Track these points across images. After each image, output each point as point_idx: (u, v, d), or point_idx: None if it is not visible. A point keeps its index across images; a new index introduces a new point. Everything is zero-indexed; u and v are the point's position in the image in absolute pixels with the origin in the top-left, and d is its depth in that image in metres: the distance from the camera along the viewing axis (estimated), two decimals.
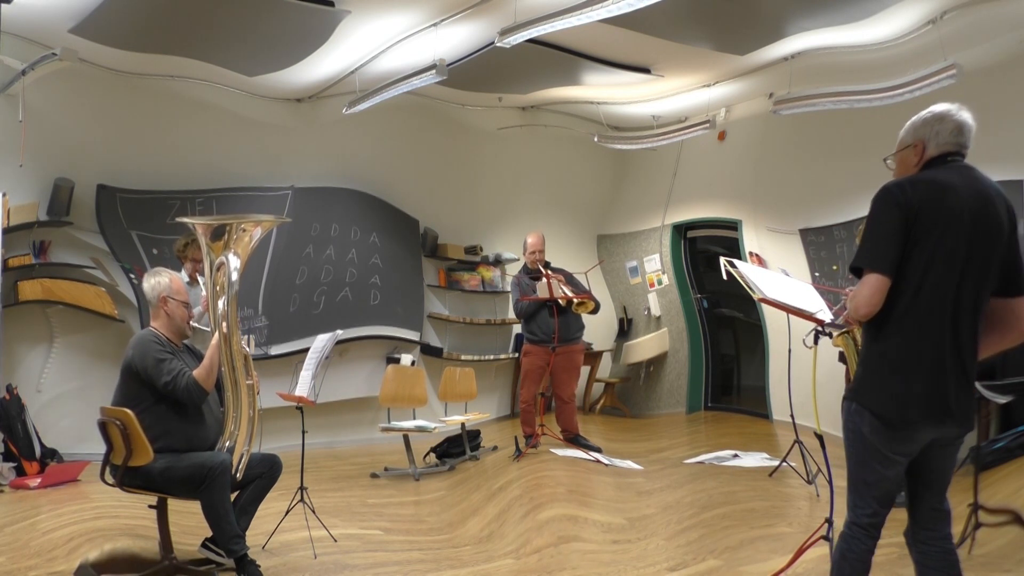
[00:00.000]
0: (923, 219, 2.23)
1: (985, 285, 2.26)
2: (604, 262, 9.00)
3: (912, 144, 2.42)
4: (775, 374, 7.24)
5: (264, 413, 3.98)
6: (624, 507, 4.56)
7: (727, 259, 3.64)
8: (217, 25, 5.47)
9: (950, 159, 2.37)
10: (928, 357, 2.22)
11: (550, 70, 6.79)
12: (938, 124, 2.38)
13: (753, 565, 3.49)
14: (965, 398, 2.25)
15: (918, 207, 2.24)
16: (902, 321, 2.24)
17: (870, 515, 2.29)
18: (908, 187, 2.29)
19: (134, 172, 6.33)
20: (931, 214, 2.24)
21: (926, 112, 2.43)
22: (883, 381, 2.27)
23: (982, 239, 2.25)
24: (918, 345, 2.23)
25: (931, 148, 2.39)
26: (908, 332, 2.24)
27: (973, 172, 2.34)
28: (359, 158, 7.55)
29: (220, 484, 3.19)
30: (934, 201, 2.25)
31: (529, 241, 6.13)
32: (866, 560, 2.30)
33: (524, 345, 6.18)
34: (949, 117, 2.38)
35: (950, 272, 2.22)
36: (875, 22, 5.44)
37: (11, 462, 5.23)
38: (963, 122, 2.37)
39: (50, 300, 5.80)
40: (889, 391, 2.25)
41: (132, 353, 3.30)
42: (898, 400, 2.23)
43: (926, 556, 2.32)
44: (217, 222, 3.22)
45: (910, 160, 2.43)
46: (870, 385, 2.31)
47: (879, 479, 2.29)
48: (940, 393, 2.21)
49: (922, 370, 2.22)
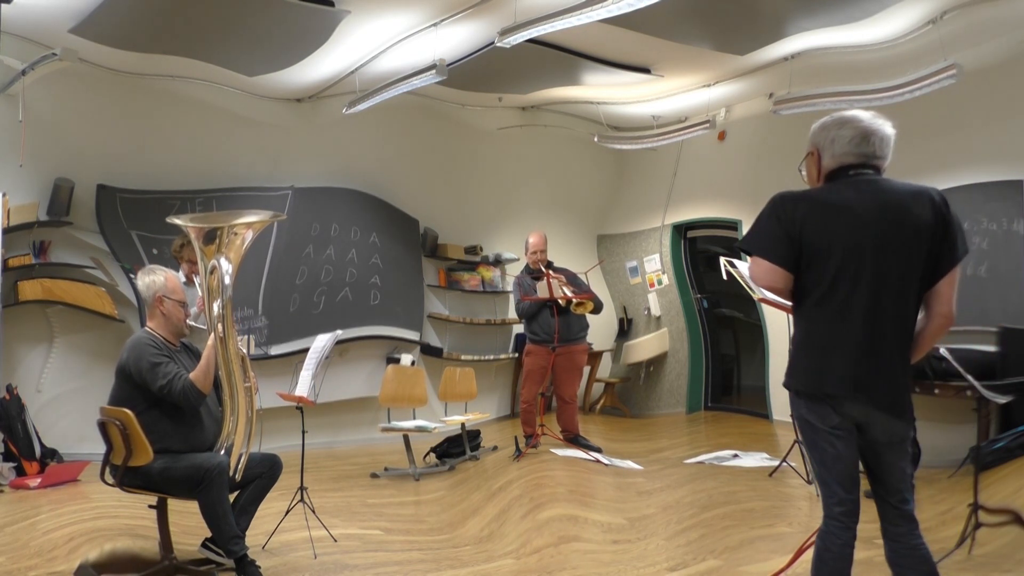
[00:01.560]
0: (809, 242, 2.18)
1: (909, 291, 2.20)
2: (604, 262, 8.99)
3: (809, 151, 2.30)
4: (775, 374, 7.24)
5: (264, 413, 3.99)
6: (624, 507, 4.56)
7: (727, 259, 3.65)
8: (217, 25, 5.47)
9: (853, 173, 2.20)
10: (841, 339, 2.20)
11: (550, 70, 6.78)
12: (835, 130, 2.21)
13: (753, 565, 3.49)
14: (889, 385, 2.20)
15: (800, 227, 2.18)
16: (814, 311, 2.25)
17: (838, 503, 2.25)
18: (790, 204, 2.22)
19: (134, 172, 6.33)
20: (819, 238, 2.17)
21: (829, 116, 2.26)
22: (801, 360, 2.30)
23: (892, 252, 2.16)
24: (838, 328, 2.21)
25: (826, 158, 2.24)
26: (820, 320, 2.24)
27: (878, 185, 2.19)
28: (359, 158, 7.55)
29: (218, 485, 3.19)
30: (818, 224, 2.17)
31: (531, 241, 6.13)
32: (845, 556, 2.23)
33: (526, 345, 6.18)
34: (852, 124, 2.19)
35: (858, 286, 2.17)
36: (875, 22, 5.44)
37: (11, 462, 5.23)
38: (871, 131, 2.18)
39: (50, 300, 5.80)
40: (806, 367, 2.28)
41: (127, 356, 3.28)
42: (813, 373, 2.25)
43: (895, 553, 2.28)
44: (209, 226, 3.20)
45: (811, 170, 2.31)
46: (794, 368, 2.33)
47: (832, 459, 2.25)
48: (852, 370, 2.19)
49: (834, 348, 2.21)
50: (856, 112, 2.22)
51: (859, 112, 2.22)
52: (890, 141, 2.21)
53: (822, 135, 2.23)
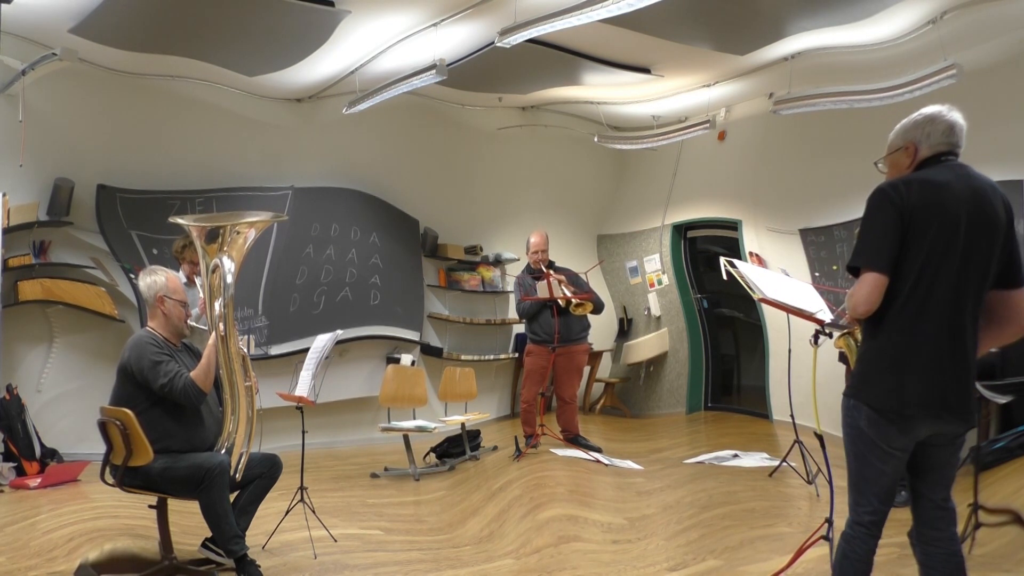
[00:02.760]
0: (918, 218, 2.25)
1: (983, 280, 2.27)
2: (604, 262, 9.00)
3: (903, 146, 2.44)
4: (775, 374, 7.24)
5: (264, 413, 3.99)
6: (624, 507, 4.56)
7: (727, 259, 3.64)
8: (217, 25, 5.47)
9: (943, 159, 2.38)
10: (925, 353, 2.23)
11: (550, 70, 6.78)
12: (929, 125, 2.39)
13: (753, 565, 3.49)
14: (963, 393, 2.25)
15: (913, 206, 2.25)
16: (899, 317, 2.25)
17: (871, 512, 2.29)
18: (902, 187, 2.30)
19: (134, 172, 6.33)
20: (926, 213, 2.25)
21: (916, 114, 2.44)
22: (880, 376, 2.29)
23: (979, 235, 2.26)
24: (915, 341, 2.24)
25: (923, 149, 2.40)
26: (905, 328, 2.25)
27: (967, 170, 2.35)
28: (359, 158, 7.55)
29: (218, 485, 3.19)
30: (929, 200, 2.26)
31: (532, 240, 6.13)
32: (868, 560, 2.29)
33: (526, 345, 6.18)
34: (940, 118, 2.39)
35: (947, 269, 2.23)
36: (875, 22, 5.44)
37: (11, 462, 5.23)
38: (954, 122, 2.38)
39: (50, 300, 5.80)
40: (886, 385, 2.26)
41: (128, 355, 3.28)
42: (895, 394, 2.24)
43: (930, 557, 2.31)
44: (211, 224, 3.21)
45: (902, 163, 2.44)
46: (867, 380, 2.32)
47: (878, 474, 2.29)
48: (937, 388, 2.22)
49: (919, 365, 2.23)
50: (937, 107, 2.42)
51: (939, 107, 2.42)
52: (964, 130, 2.40)
53: (916, 131, 2.40)
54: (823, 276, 6.76)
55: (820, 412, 3.22)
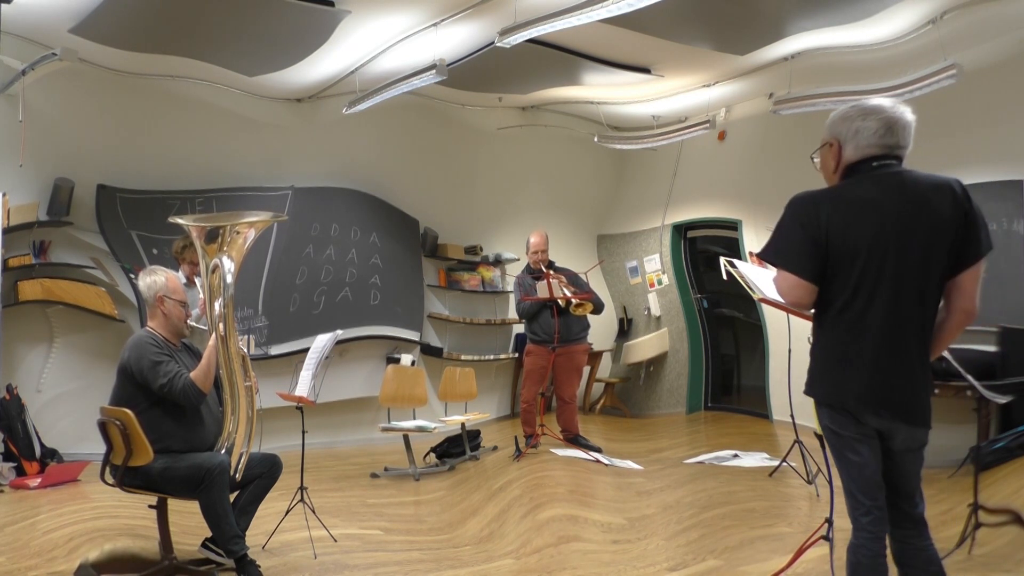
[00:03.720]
0: (836, 242, 2.13)
1: (930, 285, 2.17)
2: (604, 262, 8.99)
3: (828, 142, 2.21)
4: (775, 374, 7.24)
5: (264, 413, 3.99)
6: (624, 507, 4.56)
7: (727, 259, 3.65)
8: (217, 25, 5.47)
9: (877, 164, 2.14)
10: (865, 353, 2.18)
11: (550, 70, 6.78)
12: (860, 121, 2.13)
13: (753, 565, 3.49)
14: (907, 392, 2.19)
15: (826, 229, 2.12)
16: (837, 321, 2.22)
17: (864, 512, 2.25)
18: (811, 206, 2.14)
19: (134, 172, 6.33)
20: (845, 237, 2.11)
21: (850, 105, 2.17)
22: (823, 372, 2.28)
23: (918, 249, 2.12)
24: (856, 338, 2.19)
25: (848, 150, 2.16)
26: (846, 327, 2.20)
27: (902, 178, 2.13)
28: (359, 158, 7.55)
29: (219, 485, 3.19)
30: (844, 222, 2.10)
31: (532, 241, 6.12)
32: (880, 565, 2.23)
33: (526, 345, 6.17)
34: (876, 114, 2.11)
35: (882, 288, 2.14)
36: (875, 22, 5.44)
37: (11, 462, 5.24)
38: (894, 120, 2.12)
39: (50, 300, 5.80)
40: (829, 379, 2.26)
41: (128, 355, 3.28)
42: (837, 388, 2.23)
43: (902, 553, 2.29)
44: (211, 224, 3.21)
45: (828, 163, 2.23)
46: (814, 376, 2.31)
47: (857, 467, 2.24)
48: (876, 384, 2.18)
49: (858, 362, 2.19)
50: (878, 100, 2.15)
51: (881, 100, 2.15)
52: (912, 129, 2.15)
53: (843, 126, 2.15)
54: None
55: None
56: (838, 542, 3.08)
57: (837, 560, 3.01)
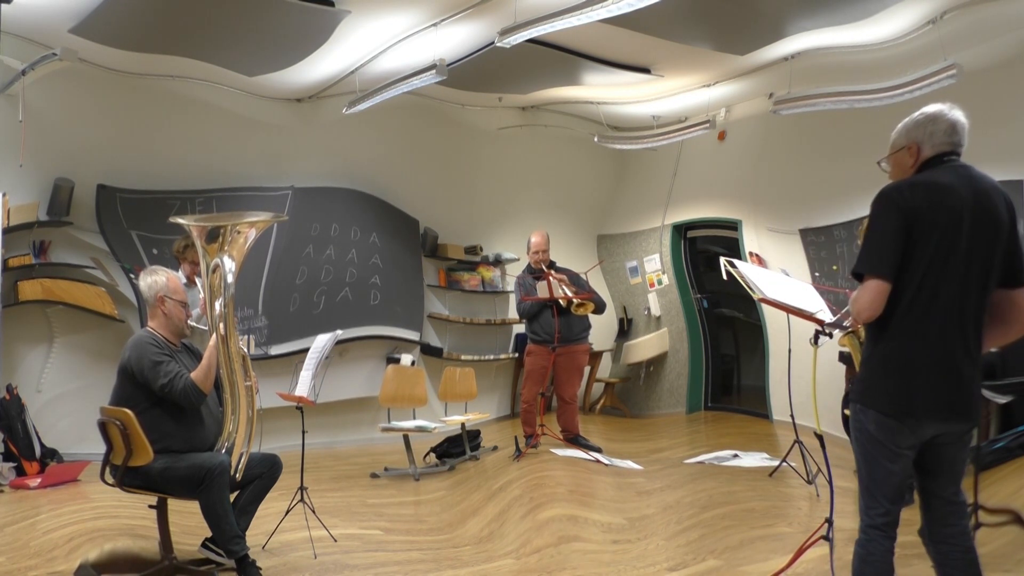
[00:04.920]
0: (922, 221, 2.25)
1: (987, 282, 2.28)
2: (604, 262, 8.99)
3: (906, 146, 2.43)
4: (775, 374, 7.24)
5: (264, 413, 3.99)
6: (624, 507, 4.56)
7: (727, 259, 3.64)
8: (217, 25, 5.47)
9: (946, 159, 2.37)
10: (930, 356, 2.24)
11: (550, 70, 6.78)
12: (931, 125, 2.38)
13: (753, 565, 3.49)
14: (968, 395, 2.27)
15: (917, 209, 2.26)
16: (904, 321, 2.26)
17: (883, 514, 2.29)
18: (907, 190, 2.30)
19: (134, 172, 6.33)
20: (930, 216, 2.25)
21: (918, 114, 2.43)
22: (885, 382, 2.30)
23: (982, 237, 2.26)
24: (919, 347, 2.25)
25: (926, 149, 2.39)
26: (909, 334, 2.26)
27: (970, 171, 2.35)
28: (359, 158, 7.55)
29: (219, 485, 3.19)
30: (933, 203, 2.26)
31: (533, 240, 6.12)
32: (888, 561, 2.28)
33: (527, 345, 6.17)
34: (942, 117, 2.38)
35: (951, 272, 2.24)
36: (875, 22, 5.44)
37: (11, 462, 5.24)
38: (956, 121, 2.37)
39: (50, 300, 5.80)
40: (892, 390, 2.28)
41: (129, 355, 3.28)
42: (901, 398, 2.26)
43: (945, 556, 2.32)
44: (212, 224, 3.21)
45: (905, 162, 2.44)
46: (873, 385, 2.33)
47: (887, 475, 2.29)
48: (943, 391, 2.24)
49: (924, 369, 2.24)
50: (938, 106, 2.41)
51: (940, 106, 2.41)
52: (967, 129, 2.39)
53: (919, 131, 2.39)
54: (823, 276, 6.76)
55: (820, 412, 3.21)
56: (838, 542, 3.09)
57: (837, 560, 3.01)
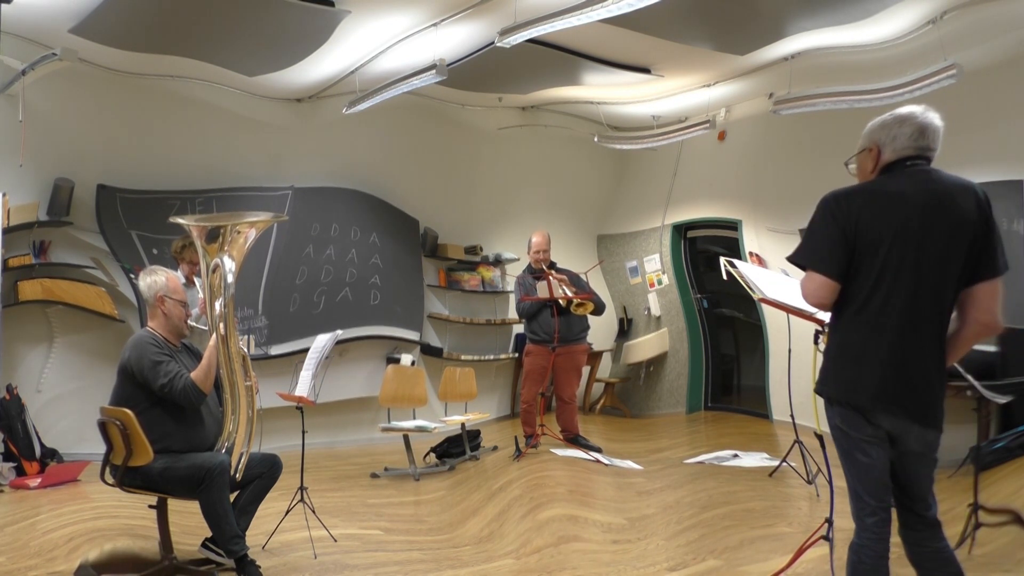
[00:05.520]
0: (865, 234, 2.22)
1: (946, 282, 2.23)
2: (604, 262, 9.00)
3: (867, 148, 2.38)
4: (775, 374, 7.24)
5: (264, 413, 3.98)
6: (624, 507, 4.56)
7: (727, 259, 3.64)
8: (217, 25, 5.47)
9: (910, 164, 2.30)
10: (881, 348, 2.22)
11: (550, 70, 6.78)
12: (896, 127, 2.31)
13: (753, 565, 3.49)
14: (921, 393, 2.23)
15: (857, 222, 2.22)
16: (856, 318, 2.27)
17: (871, 513, 2.27)
18: (843, 200, 2.27)
19: (134, 172, 6.33)
20: (872, 226, 2.21)
21: (888, 115, 2.35)
22: (838, 370, 2.31)
23: (939, 241, 2.20)
24: (872, 340, 2.24)
25: (887, 153, 2.32)
26: (861, 327, 2.26)
27: (930, 175, 2.28)
28: (359, 158, 7.55)
29: (219, 485, 3.19)
30: (875, 215, 2.22)
31: (534, 240, 6.12)
32: (882, 567, 2.25)
33: (526, 345, 6.17)
34: (911, 120, 2.30)
35: (902, 281, 2.21)
36: (875, 22, 5.44)
37: (11, 462, 5.24)
38: (926, 125, 2.29)
39: (50, 300, 5.80)
40: (843, 378, 2.29)
41: (128, 355, 3.29)
42: (850, 385, 2.26)
43: (919, 556, 2.31)
44: (212, 224, 3.21)
45: (866, 165, 2.39)
46: (828, 374, 2.34)
47: (865, 468, 2.27)
48: (891, 383, 2.22)
49: (875, 360, 2.23)
50: (911, 108, 2.33)
51: (913, 108, 2.34)
52: (940, 133, 2.33)
53: (882, 132, 2.32)
54: None
55: (820, 412, 3.21)
56: (838, 542, 3.09)
57: (837, 560, 3.01)
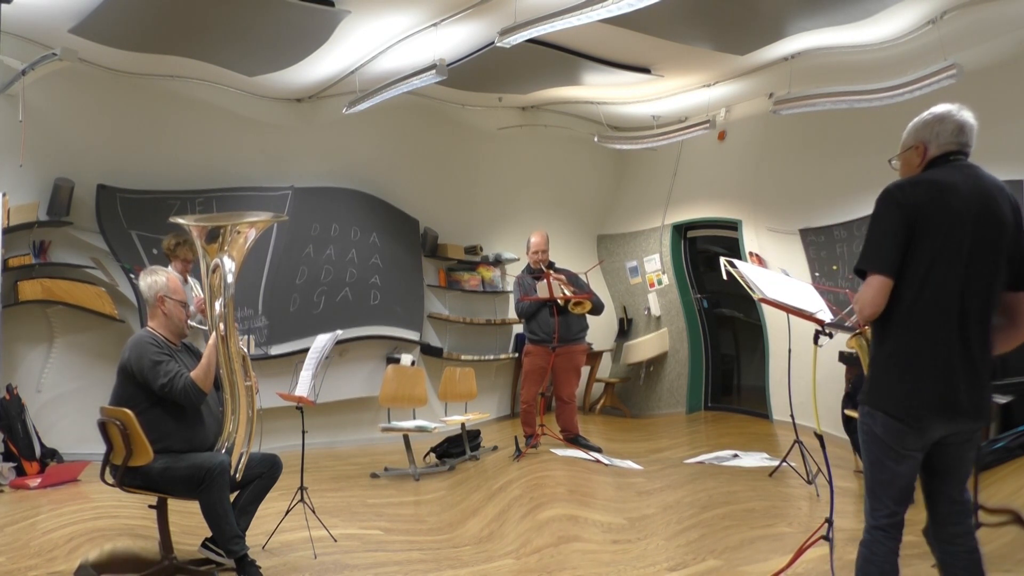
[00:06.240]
0: (924, 219, 2.26)
1: (993, 281, 2.28)
2: (604, 262, 8.99)
3: (914, 146, 2.46)
4: (775, 374, 7.24)
5: (264, 413, 3.99)
6: (624, 507, 4.56)
7: (727, 259, 3.65)
8: (217, 25, 5.47)
9: (952, 158, 2.39)
10: (935, 355, 2.24)
11: (550, 70, 6.78)
12: (939, 125, 2.40)
13: (753, 565, 3.49)
14: (976, 393, 2.26)
15: (919, 207, 2.27)
16: (907, 320, 2.27)
17: (887, 515, 2.29)
18: (908, 188, 2.32)
19: (134, 172, 6.33)
20: (932, 214, 2.26)
21: (927, 113, 2.46)
22: (892, 382, 2.30)
23: (986, 236, 2.27)
24: (924, 343, 2.25)
25: (932, 149, 2.41)
26: (913, 331, 2.26)
27: (976, 171, 2.37)
28: (359, 158, 7.55)
29: (219, 485, 3.19)
30: (935, 201, 2.27)
31: (533, 240, 6.12)
32: (892, 562, 2.28)
33: (525, 345, 6.17)
34: (950, 118, 2.40)
35: (953, 270, 2.24)
36: (875, 22, 5.44)
37: (11, 462, 5.23)
38: (964, 122, 2.39)
39: (50, 300, 5.80)
40: (899, 391, 2.28)
41: (128, 355, 3.29)
42: (908, 399, 2.26)
43: (950, 556, 2.33)
44: (212, 224, 3.21)
45: (913, 161, 2.47)
46: (879, 386, 2.33)
47: (893, 476, 2.30)
48: (949, 391, 2.23)
49: (929, 368, 2.25)
50: (947, 106, 2.44)
51: (948, 106, 2.44)
52: (976, 130, 2.42)
53: (926, 130, 2.42)
54: (823, 276, 6.76)
55: (820, 412, 3.22)
56: (838, 542, 3.09)
57: (837, 560, 3.02)
